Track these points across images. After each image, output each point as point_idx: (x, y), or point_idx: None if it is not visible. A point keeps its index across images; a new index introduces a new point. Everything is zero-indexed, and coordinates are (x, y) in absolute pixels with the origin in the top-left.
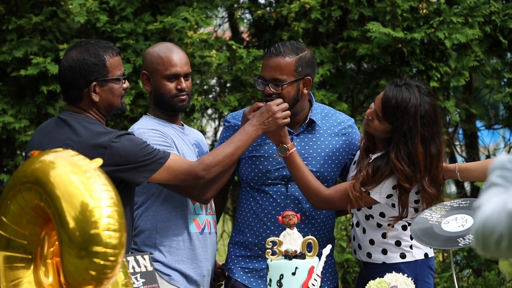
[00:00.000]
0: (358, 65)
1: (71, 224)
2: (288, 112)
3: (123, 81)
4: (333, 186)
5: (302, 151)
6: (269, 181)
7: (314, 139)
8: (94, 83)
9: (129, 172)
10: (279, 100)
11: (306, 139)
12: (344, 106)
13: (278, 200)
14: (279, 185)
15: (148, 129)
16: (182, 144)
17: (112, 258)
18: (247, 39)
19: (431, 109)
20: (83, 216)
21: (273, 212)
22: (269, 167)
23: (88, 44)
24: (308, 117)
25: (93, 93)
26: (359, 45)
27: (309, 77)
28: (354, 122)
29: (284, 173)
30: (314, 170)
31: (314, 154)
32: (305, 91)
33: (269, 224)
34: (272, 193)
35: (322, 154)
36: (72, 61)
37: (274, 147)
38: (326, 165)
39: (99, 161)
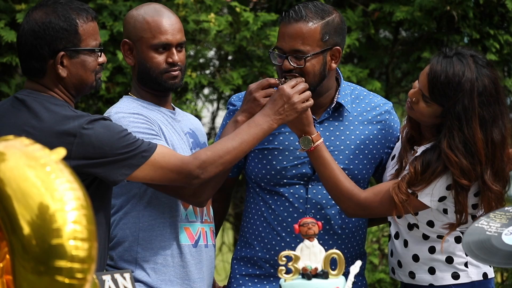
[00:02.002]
0: (395, 33)
1: (26, 230)
2: (309, 92)
3: (99, 53)
4: (371, 188)
5: (327, 143)
6: (285, 181)
7: (342, 128)
8: (62, 53)
9: (104, 168)
10: (293, 81)
11: (332, 128)
12: (377, 85)
13: (296, 205)
14: (297, 186)
15: (129, 113)
16: (172, 133)
17: (79, 275)
18: None
19: (491, 83)
20: (42, 221)
21: (290, 219)
22: (284, 162)
23: (56, 4)
24: (335, 100)
25: (60, 66)
26: (396, 8)
27: (338, 47)
28: (392, 106)
29: (304, 170)
30: (342, 167)
31: (342, 147)
32: (334, 65)
33: (284, 234)
34: (289, 195)
35: (352, 146)
36: (35, 24)
37: (292, 138)
38: (357, 160)
39: (61, 152)
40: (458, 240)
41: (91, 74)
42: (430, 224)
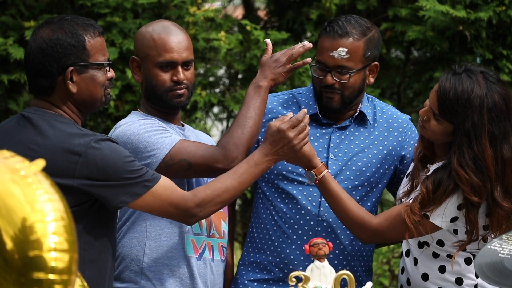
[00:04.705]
0: (407, 53)
1: (9, 245)
2: (307, 131)
3: (108, 68)
4: (382, 213)
5: (346, 150)
6: (299, 178)
7: (361, 135)
8: (71, 68)
9: (105, 190)
10: (295, 120)
11: (350, 134)
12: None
13: (309, 207)
14: (311, 189)
15: (139, 119)
16: None
17: (59, 287)
18: (265, 18)
19: (501, 100)
20: (23, 235)
21: (301, 222)
22: None
23: (63, 21)
24: (358, 109)
25: (70, 82)
26: (408, 27)
27: (376, 63)
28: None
29: None
30: (358, 173)
31: (360, 154)
32: (371, 80)
33: (295, 237)
34: (301, 197)
35: (370, 155)
36: (42, 42)
37: None
38: (374, 168)
39: (40, 163)
40: (468, 261)
41: (101, 89)
42: (440, 243)
